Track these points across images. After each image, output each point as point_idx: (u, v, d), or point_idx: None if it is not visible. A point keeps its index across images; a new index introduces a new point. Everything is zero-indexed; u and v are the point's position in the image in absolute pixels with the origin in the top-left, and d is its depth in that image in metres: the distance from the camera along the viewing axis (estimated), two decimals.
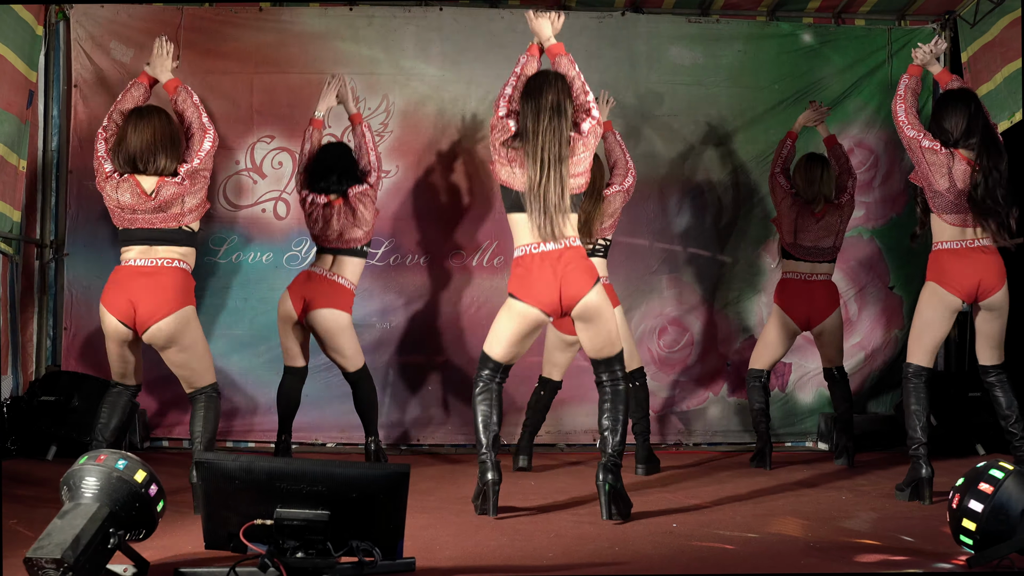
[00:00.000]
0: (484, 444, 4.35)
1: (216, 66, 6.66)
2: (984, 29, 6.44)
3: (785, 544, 3.83)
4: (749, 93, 6.96)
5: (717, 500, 4.83)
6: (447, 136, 6.80)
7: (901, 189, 6.94)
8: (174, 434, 6.55)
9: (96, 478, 3.13)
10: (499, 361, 4.45)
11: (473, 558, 3.54)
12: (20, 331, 6.25)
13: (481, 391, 4.44)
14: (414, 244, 6.76)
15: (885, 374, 6.93)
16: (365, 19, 6.77)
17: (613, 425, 4.32)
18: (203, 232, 6.55)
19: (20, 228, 6.17)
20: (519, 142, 4.30)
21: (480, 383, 4.46)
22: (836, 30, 7.04)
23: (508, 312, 4.41)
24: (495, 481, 4.32)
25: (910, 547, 3.80)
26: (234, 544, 3.03)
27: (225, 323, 6.64)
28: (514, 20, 6.81)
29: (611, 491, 4.22)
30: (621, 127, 6.81)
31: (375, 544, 3.00)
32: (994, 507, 3.33)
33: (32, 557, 2.87)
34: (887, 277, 7.01)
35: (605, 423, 4.34)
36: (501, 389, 4.49)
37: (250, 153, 6.69)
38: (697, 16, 6.95)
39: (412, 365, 6.74)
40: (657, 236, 6.89)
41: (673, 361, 6.88)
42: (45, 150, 6.54)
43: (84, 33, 6.58)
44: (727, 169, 6.91)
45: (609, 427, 4.33)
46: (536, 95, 4.33)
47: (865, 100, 7.01)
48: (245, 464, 2.98)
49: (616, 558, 3.56)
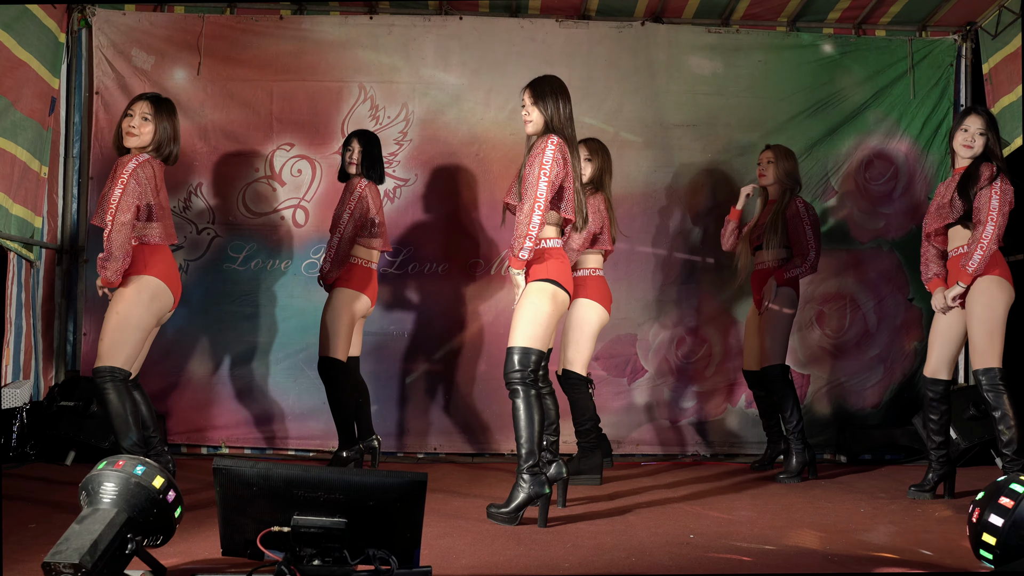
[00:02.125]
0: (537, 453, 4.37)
1: (236, 73, 6.70)
2: (1006, 40, 6.41)
3: (802, 556, 3.81)
4: (769, 103, 6.95)
5: (734, 511, 4.81)
6: (466, 145, 6.81)
7: (921, 200, 6.91)
8: (193, 440, 6.57)
9: (114, 483, 3.13)
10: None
11: (489, 567, 3.54)
12: (41, 336, 6.28)
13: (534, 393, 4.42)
14: (432, 253, 6.77)
15: (904, 386, 6.90)
16: (385, 28, 6.80)
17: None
18: (221, 239, 6.61)
19: (42, 234, 6.20)
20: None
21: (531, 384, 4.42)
22: (857, 41, 7.02)
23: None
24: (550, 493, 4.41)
25: (929, 561, 3.77)
26: (251, 551, 3.03)
27: (243, 330, 6.66)
28: (534, 29, 6.83)
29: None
30: (640, 136, 6.84)
31: (392, 552, 3.00)
32: (1015, 521, 3.30)
33: (50, 562, 2.87)
34: (907, 289, 6.97)
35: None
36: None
37: (269, 161, 6.72)
38: (717, 26, 6.95)
39: (429, 373, 6.74)
40: (676, 246, 6.88)
41: (691, 371, 6.87)
42: (67, 157, 6.59)
43: (106, 40, 6.62)
44: (747, 180, 6.89)
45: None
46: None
47: (886, 111, 6.98)
48: (263, 471, 2.98)
49: (633, 569, 3.55)
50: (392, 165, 6.72)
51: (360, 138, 5.84)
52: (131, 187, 4.73)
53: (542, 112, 4.47)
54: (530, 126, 4.52)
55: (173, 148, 4.98)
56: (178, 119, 5.02)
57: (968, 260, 4.92)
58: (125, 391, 4.72)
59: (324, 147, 6.71)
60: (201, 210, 6.66)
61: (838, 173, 6.94)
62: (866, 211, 6.96)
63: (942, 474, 5.21)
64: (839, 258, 6.91)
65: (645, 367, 6.83)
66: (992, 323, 4.93)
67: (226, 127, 6.70)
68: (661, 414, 6.83)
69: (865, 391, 6.92)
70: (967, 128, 5.05)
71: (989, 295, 4.95)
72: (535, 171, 4.35)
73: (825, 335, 6.92)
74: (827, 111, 6.94)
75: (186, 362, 6.58)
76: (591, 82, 6.83)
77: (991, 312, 4.94)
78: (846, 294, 6.95)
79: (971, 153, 5.04)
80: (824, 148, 6.92)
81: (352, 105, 6.75)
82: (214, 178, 6.67)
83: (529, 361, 4.35)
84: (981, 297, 4.96)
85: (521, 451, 4.33)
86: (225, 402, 6.62)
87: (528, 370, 4.34)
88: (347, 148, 5.84)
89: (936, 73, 7.01)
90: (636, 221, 6.79)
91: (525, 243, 4.34)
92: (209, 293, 6.62)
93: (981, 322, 4.95)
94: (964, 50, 7.03)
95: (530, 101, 4.51)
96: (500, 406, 6.63)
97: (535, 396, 4.35)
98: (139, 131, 4.85)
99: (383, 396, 6.62)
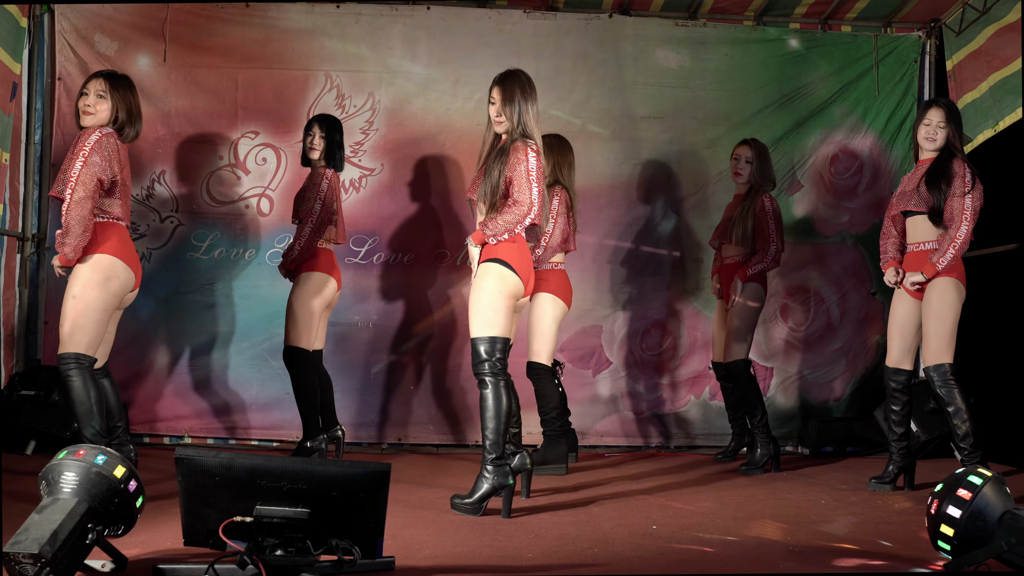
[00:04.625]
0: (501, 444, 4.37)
1: (201, 60, 6.64)
2: (969, 38, 6.47)
3: (764, 547, 3.84)
4: (735, 97, 6.97)
5: (697, 502, 4.83)
6: (433, 135, 6.79)
7: (885, 195, 6.96)
8: (155, 430, 6.53)
9: (75, 473, 3.10)
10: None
11: (453, 558, 3.54)
12: (2, 324, 6.21)
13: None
14: (398, 243, 6.75)
15: (866, 379, 6.96)
16: (352, 16, 6.76)
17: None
18: (185, 227, 6.56)
19: (3, 221, 6.13)
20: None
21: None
22: (822, 36, 7.07)
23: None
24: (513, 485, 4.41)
25: (888, 552, 3.81)
26: (213, 541, 3.01)
27: (206, 319, 6.62)
28: (501, 20, 6.82)
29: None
30: (607, 128, 6.85)
31: (355, 542, 2.99)
32: (972, 513, 3.33)
33: (9, 552, 2.84)
34: (870, 283, 7.03)
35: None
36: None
37: (234, 149, 6.66)
38: (684, 20, 6.96)
39: (394, 364, 6.73)
40: (642, 239, 6.90)
41: (656, 363, 6.89)
42: (28, 143, 6.50)
43: (68, 26, 6.54)
44: (713, 172, 6.92)
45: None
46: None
47: (851, 106, 7.03)
48: (225, 461, 2.96)
49: (596, 559, 3.56)
50: (358, 154, 6.69)
51: (321, 123, 5.76)
52: (93, 159, 4.57)
53: (512, 113, 4.43)
54: (500, 126, 4.49)
55: (134, 125, 4.82)
56: (137, 96, 4.85)
57: (940, 256, 4.97)
58: (91, 378, 4.60)
59: (289, 135, 6.66)
60: (164, 198, 6.60)
61: (803, 167, 6.98)
62: (831, 205, 7.01)
63: (902, 466, 5.27)
64: (803, 252, 6.96)
65: (610, 359, 6.85)
66: (948, 321, 5.02)
67: (190, 114, 6.64)
68: (625, 406, 6.85)
69: (828, 384, 6.98)
70: (929, 121, 5.11)
71: (948, 295, 5.02)
72: (521, 178, 4.35)
73: (789, 328, 6.97)
74: (793, 105, 6.98)
75: (149, 352, 6.53)
76: (558, 74, 6.83)
77: (948, 310, 5.02)
78: (810, 288, 7.00)
79: (934, 146, 5.10)
80: (790, 142, 6.96)
81: (318, 94, 6.71)
82: (177, 166, 6.61)
83: (495, 349, 4.35)
84: (939, 296, 5.03)
85: (486, 442, 4.34)
86: (188, 392, 6.57)
87: (495, 358, 4.34)
88: (308, 133, 5.76)
89: (901, 69, 7.07)
90: (602, 213, 6.80)
91: (503, 236, 4.37)
92: (172, 282, 6.56)
93: (938, 320, 5.03)
94: (928, 47, 7.09)
95: (500, 100, 4.46)
96: (465, 397, 6.64)
97: (504, 386, 4.35)
98: (94, 108, 4.71)
99: (348, 387, 6.60)
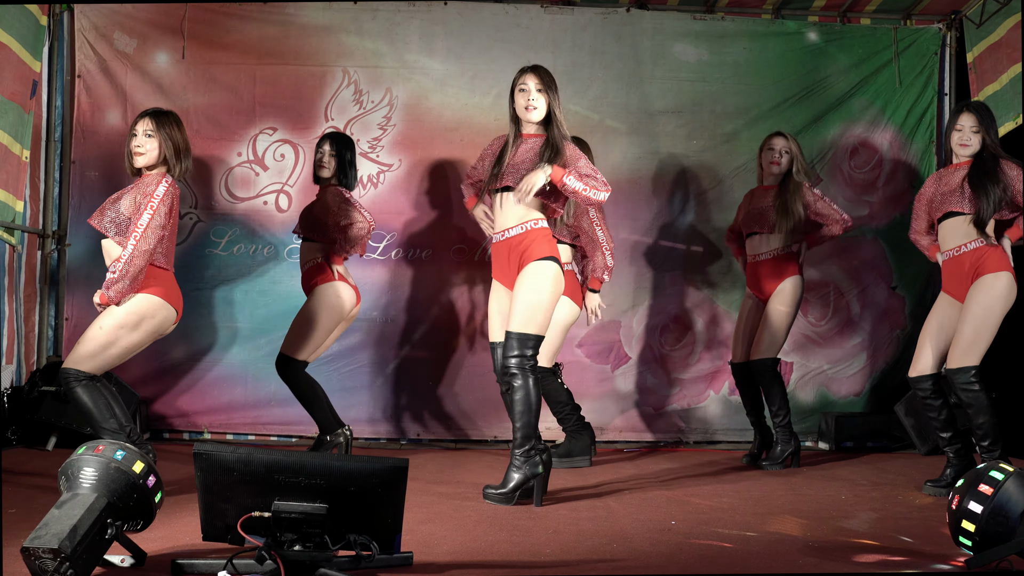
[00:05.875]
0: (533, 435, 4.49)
1: (219, 57, 6.66)
2: (990, 29, 6.42)
3: (784, 543, 3.82)
4: (754, 91, 6.94)
5: (716, 498, 4.82)
6: (450, 130, 6.79)
7: (905, 188, 6.92)
8: (175, 425, 6.55)
9: (94, 468, 3.12)
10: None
11: (471, 553, 3.54)
12: (23, 321, 6.25)
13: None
14: (416, 238, 6.75)
15: (887, 374, 6.93)
16: (369, 12, 6.76)
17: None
18: (203, 224, 6.58)
19: (23, 218, 6.16)
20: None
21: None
22: (842, 29, 7.03)
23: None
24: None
25: (909, 547, 3.79)
26: (231, 536, 3.02)
27: (225, 316, 6.64)
28: (518, 15, 6.81)
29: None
30: (624, 123, 6.83)
31: (373, 538, 3.00)
32: (993, 509, 3.32)
33: (29, 547, 2.86)
34: (890, 277, 6.99)
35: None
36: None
37: (252, 145, 6.68)
38: (702, 13, 6.94)
39: (412, 359, 6.73)
40: (661, 234, 6.89)
41: (674, 359, 6.88)
42: (48, 140, 6.54)
43: (88, 24, 6.58)
44: (732, 167, 6.89)
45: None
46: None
47: (870, 99, 6.99)
48: (244, 456, 2.97)
49: (614, 555, 3.55)
50: (376, 150, 6.70)
51: (332, 141, 5.66)
52: (161, 212, 4.49)
53: (550, 100, 4.59)
54: (536, 113, 4.60)
55: (182, 162, 4.67)
56: (184, 131, 4.71)
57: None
58: (94, 387, 4.58)
59: (307, 131, 6.68)
60: (183, 195, 6.62)
61: (823, 161, 6.95)
62: (850, 199, 6.97)
63: (960, 469, 4.98)
64: (823, 246, 6.90)
65: (628, 354, 6.84)
66: (990, 320, 4.84)
67: (208, 111, 6.66)
68: (644, 401, 6.84)
69: (848, 379, 6.95)
70: (961, 127, 5.00)
71: (994, 293, 4.84)
72: (591, 166, 4.51)
73: (809, 323, 6.94)
74: (812, 99, 6.94)
75: (169, 348, 6.55)
76: (576, 68, 6.82)
77: (990, 312, 4.84)
78: (830, 282, 6.96)
79: (968, 152, 4.99)
80: (809, 136, 6.92)
81: (336, 90, 6.72)
82: (196, 163, 6.62)
83: (533, 346, 4.46)
84: (986, 294, 4.85)
85: (517, 435, 4.44)
86: (208, 388, 6.60)
87: (529, 355, 4.44)
88: (319, 150, 5.67)
89: (921, 62, 7.02)
90: (621, 208, 6.78)
91: (584, 182, 4.45)
92: (191, 279, 6.58)
93: (975, 319, 4.84)
94: (948, 39, 7.04)
95: (536, 88, 4.58)
96: (483, 393, 6.63)
97: (534, 382, 4.45)
98: (144, 148, 4.59)
99: (366, 382, 6.62)
